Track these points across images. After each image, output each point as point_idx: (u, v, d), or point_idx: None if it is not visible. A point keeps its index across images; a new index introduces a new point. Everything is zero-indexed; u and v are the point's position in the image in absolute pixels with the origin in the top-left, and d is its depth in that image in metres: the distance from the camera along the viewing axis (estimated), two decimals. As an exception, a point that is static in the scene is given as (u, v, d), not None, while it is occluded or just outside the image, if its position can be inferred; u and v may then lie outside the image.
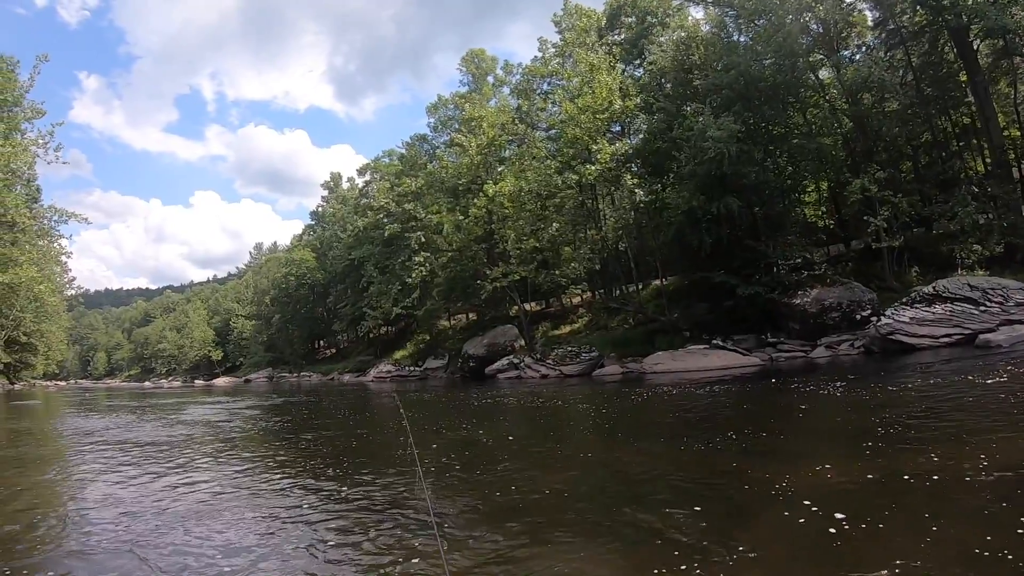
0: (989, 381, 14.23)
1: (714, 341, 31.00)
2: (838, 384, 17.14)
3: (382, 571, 5.79)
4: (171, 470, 11.87)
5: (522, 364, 39.37)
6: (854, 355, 26.10)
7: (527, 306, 48.00)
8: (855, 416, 12.60)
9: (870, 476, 7.63)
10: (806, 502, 6.75)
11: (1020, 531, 5.34)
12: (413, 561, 5.93)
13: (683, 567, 5.27)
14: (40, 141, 60.62)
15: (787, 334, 30.12)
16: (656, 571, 5.24)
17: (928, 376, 16.85)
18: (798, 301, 29.39)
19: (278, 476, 10.92)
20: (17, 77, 57.42)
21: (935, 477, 7.30)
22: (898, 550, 5.19)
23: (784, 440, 10.99)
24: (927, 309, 24.20)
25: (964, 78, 32.74)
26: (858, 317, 27.71)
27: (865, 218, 29.79)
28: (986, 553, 4.96)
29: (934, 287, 24.79)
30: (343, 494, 9.15)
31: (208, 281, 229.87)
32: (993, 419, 10.49)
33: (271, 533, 7.21)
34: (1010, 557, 4.86)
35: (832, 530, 5.80)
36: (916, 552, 5.16)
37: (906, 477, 7.45)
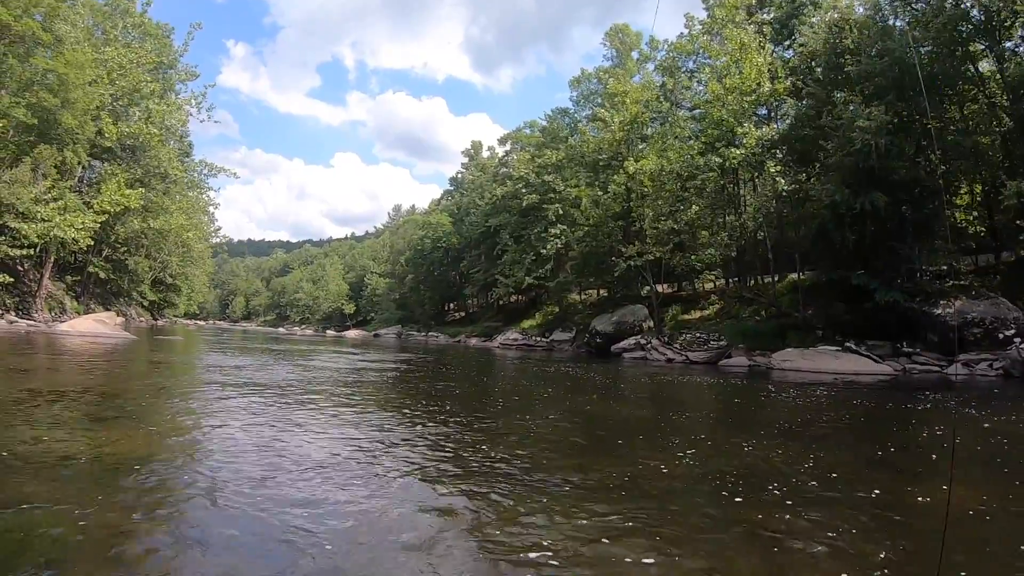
0: None
1: (847, 344, 30.11)
2: (974, 405, 16.72)
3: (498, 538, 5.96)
4: (298, 415, 12.47)
5: (648, 345, 39.29)
6: (992, 376, 24.75)
7: (659, 288, 47.85)
8: (994, 443, 12.36)
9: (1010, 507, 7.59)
10: (932, 530, 6.77)
11: None
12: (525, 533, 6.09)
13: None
14: (193, 101, 64.02)
15: (924, 345, 28.80)
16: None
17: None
18: (939, 312, 28.12)
19: (400, 433, 11.26)
20: (172, 43, 60.87)
21: None
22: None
23: (917, 459, 10.88)
24: None
25: None
26: (1001, 336, 26.12)
27: (1019, 223, 28.33)
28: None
29: None
30: (472, 459, 9.35)
31: (346, 238, 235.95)
32: None
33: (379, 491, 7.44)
34: None
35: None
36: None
37: None
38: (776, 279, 41.12)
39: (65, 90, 40.51)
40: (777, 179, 34.46)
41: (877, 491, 8.22)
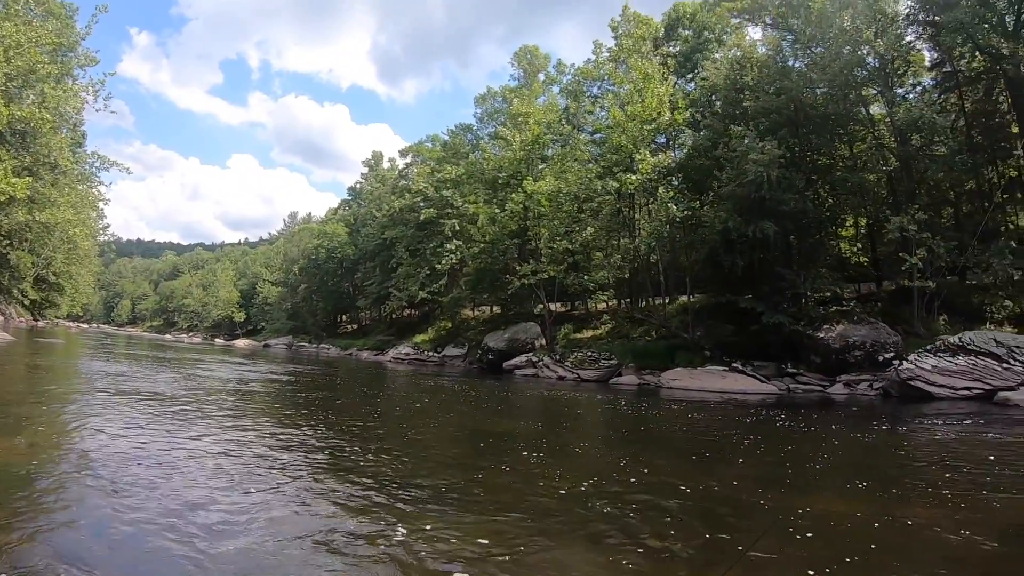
0: (1000, 438, 14.33)
1: (734, 364, 30.89)
2: (853, 423, 17.25)
3: (369, 553, 5.99)
4: (180, 424, 12.15)
5: (540, 363, 39.48)
6: (871, 396, 25.99)
7: (552, 306, 48.07)
8: (865, 456, 12.72)
9: (867, 518, 7.75)
10: (809, 535, 6.91)
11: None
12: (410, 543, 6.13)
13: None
14: (91, 88, 61.34)
15: (807, 366, 29.97)
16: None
17: (941, 427, 16.90)
18: (822, 335, 29.25)
19: (278, 442, 11.17)
20: (75, 24, 58.23)
21: (937, 528, 7.44)
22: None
23: (791, 471, 11.08)
24: (950, 359, 23.88)
25: (1016, 130, 32.38)
26: (880, 358, 27.42)
27: (900, 255, 29.54)
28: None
29: (960, 338, 24.46)
30: (351, 469, 9.38)
31: (239, 243, 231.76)
32: (995, 477, 10.58)
33: (262, 500, 7.46)
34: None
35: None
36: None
37: (909, 523, 7.61)
38: (667, 301, 41.92)
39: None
40: (669, 205, 34.97)
41: (763, 502, 8.38)
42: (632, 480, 9.83)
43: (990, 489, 9.59)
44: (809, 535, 7.03)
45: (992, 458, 12.07)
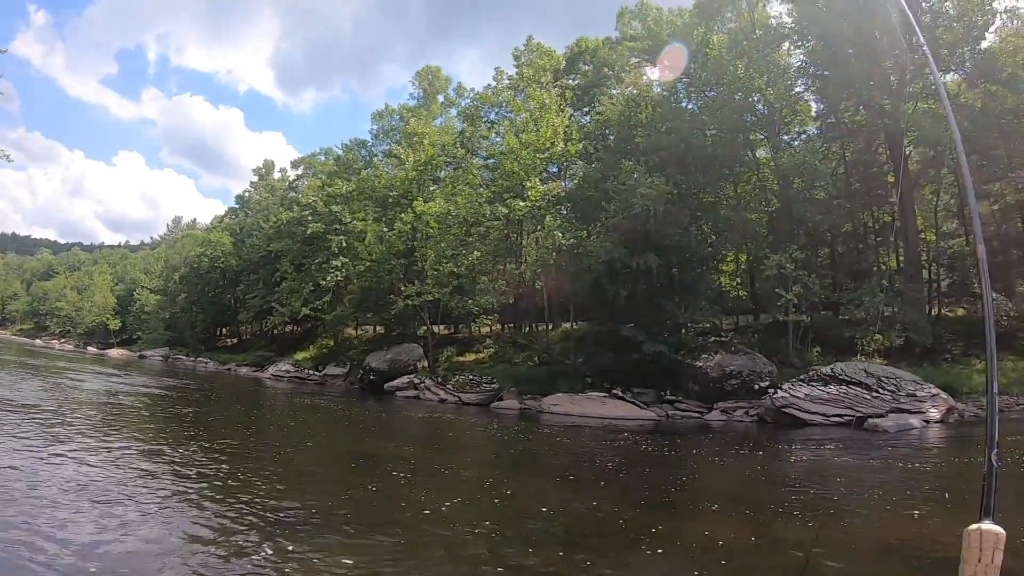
0: (867, 462, 14.73)
1: (614, 391, 31.26)
2: (723, 447, 17.54)
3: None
4: (47, 440, 11.57)
5: (422, 385, 39.19)
6: (747, 422, 26.96)
7: (436, 328, 47.81)
8: (729, 479, 12.83)
9: (749, 539, 7.75)
10: (660, 551, 6.81)
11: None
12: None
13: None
14: None
15: (686, 394, 30.67)
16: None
17: (811, 451, 17.42)
18: (701, 364, 30.14)
19: (147, 460, 10.76)
20: None
21: (816, 550, 7.46)
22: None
23: (667, 494, 11.09)
24: (823, 388, 25.12)
25: (892, 179, 34.06)
26: (756, 387, 28.41)
27: (777, 291, 30.72)
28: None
29: (832, 368, 25.91)
30: (220, 488, 9.06)
31: (119, 246, 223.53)
32: (860, 497, 10.81)
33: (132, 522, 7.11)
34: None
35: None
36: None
37: (787, 546, 7.63)
38: (550, 327, 42.23)
39: None
40: (556, 233, 35.21)
41: (621, 521, 8.31)
42: (496, 501, 9.76)
43: (849, 509, 9.77)
44: (660, 551, 6.97)
45: (854, 480, 12.35)
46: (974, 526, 3.98)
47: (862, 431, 22.59)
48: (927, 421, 23.24)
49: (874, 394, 24.25)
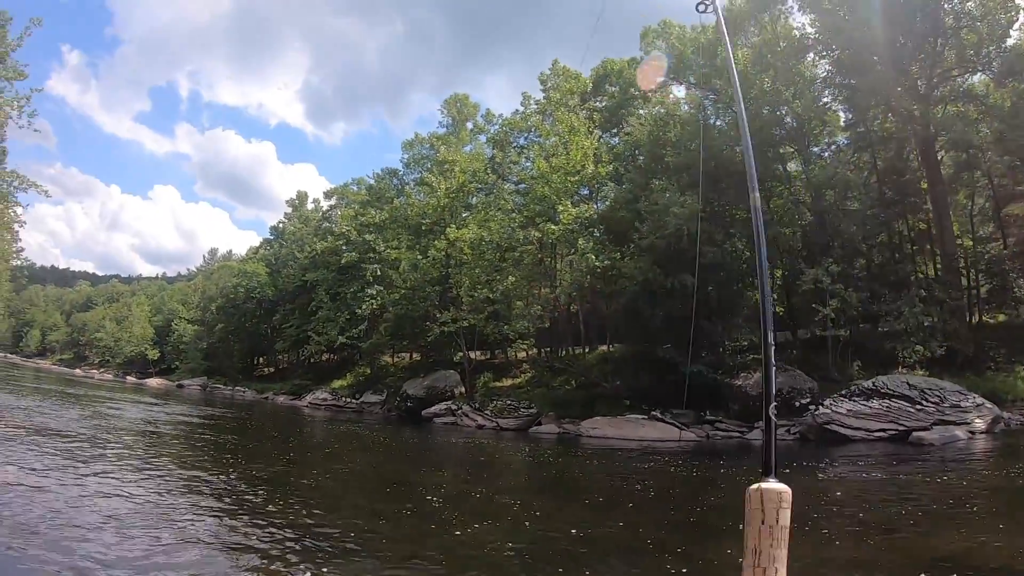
0: (918, 478, 14.57)
1: (653, 413, 31.12)
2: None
3: None
4: (90, 467, 11.79)
5: (460, 411, 39.25)
6: (789, 440, 26.36)
7: (472, 354, 47.95)
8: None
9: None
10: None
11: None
12: None
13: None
14: (16, 103, 58.66)
15: (726, 413, 30.37)
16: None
17: (855, 467, 17.25)
18: (740, 383, 29.96)
19: (186, 486, 10.92)
20: (7, 34, 55.96)
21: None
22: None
23: (696, 515, 11.10)
24: (865, 403, 24.77)
25: (925, 186, 33.88)
26: (797, 404, 27.93)
27: (814, 305, 30.41)
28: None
29: (874, 382, 25.47)
30: (258, 514, 9.18)
31: (156, 278, 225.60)
32: (904, 513, 10.73)
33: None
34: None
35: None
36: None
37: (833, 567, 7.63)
38: (587, 350, 42.19)
39: None
40: (590, 255, 35.29)
41: (680, 549, 8.37)
42: (527, 524, 9.84)
43: (893, 527, 9.71)
44: (684, 571, 7.08)
45: (898, 496, 12.26)
46: (754, 486, 3.91)
47: (907, 445, 22.17)
48: (972, 432, 22.76)
49: (917, 407, 23.83)
